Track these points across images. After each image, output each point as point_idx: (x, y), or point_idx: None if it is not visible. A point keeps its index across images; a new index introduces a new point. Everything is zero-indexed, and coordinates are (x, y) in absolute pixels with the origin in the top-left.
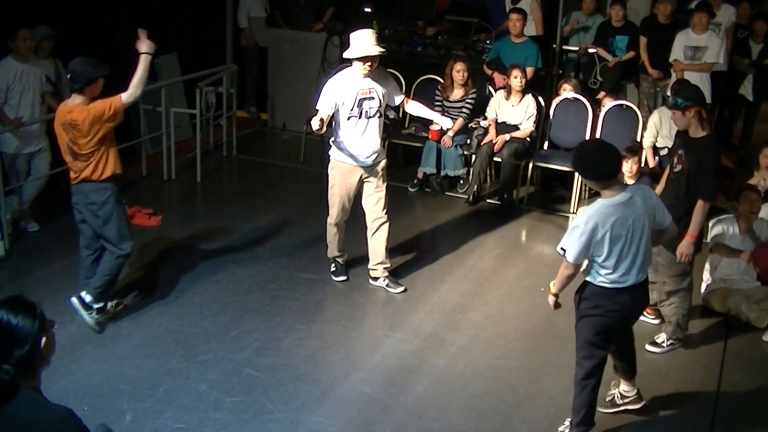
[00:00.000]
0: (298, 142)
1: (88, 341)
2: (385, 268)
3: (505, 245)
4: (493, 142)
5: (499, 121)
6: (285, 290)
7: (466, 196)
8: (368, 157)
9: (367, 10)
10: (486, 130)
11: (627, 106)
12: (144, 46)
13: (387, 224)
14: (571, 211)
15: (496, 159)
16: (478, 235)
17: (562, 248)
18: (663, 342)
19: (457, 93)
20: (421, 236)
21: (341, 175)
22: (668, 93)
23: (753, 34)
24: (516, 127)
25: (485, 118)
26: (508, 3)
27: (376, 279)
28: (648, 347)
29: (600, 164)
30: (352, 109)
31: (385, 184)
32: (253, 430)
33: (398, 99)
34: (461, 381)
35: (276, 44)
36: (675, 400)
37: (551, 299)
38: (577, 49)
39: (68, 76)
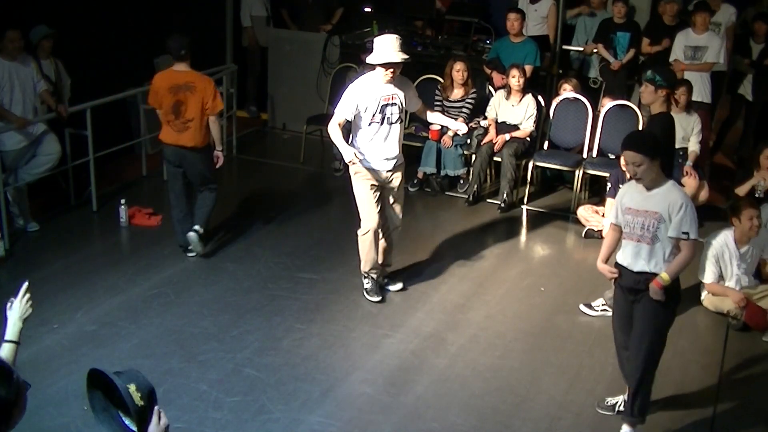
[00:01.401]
0: (298, 142)
1: (88, 341)
2: (385, 268)
3: (505, 245)
4: (493, 141)
5: (499, 120)
6: (285, 290)
7: (466, 196)
8: (389, 162)
9: (367, 10)
10: (486, 130)
11: (627, 106)
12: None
13: (398, 231)
14: (571, 211)
15: (496, 159)
16: (478, 235)
17: (683, 232)
18: (597, 306)
19: (457, 93)
20: (421, 236)
21: (365, 178)
22: None
23: (753, 34)
24: (516, 127)
25: (485, 118)
26: (523, 3)
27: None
28: (582, 307)
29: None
30: (374, 115)
31: (403, 190)
32: (253, 430)
33: (416, 105)
34: (461, 381)
35: (276, 44)
36: (675, 400)
37: (660, 293)
38: (581, 49)
39: (178, 48)
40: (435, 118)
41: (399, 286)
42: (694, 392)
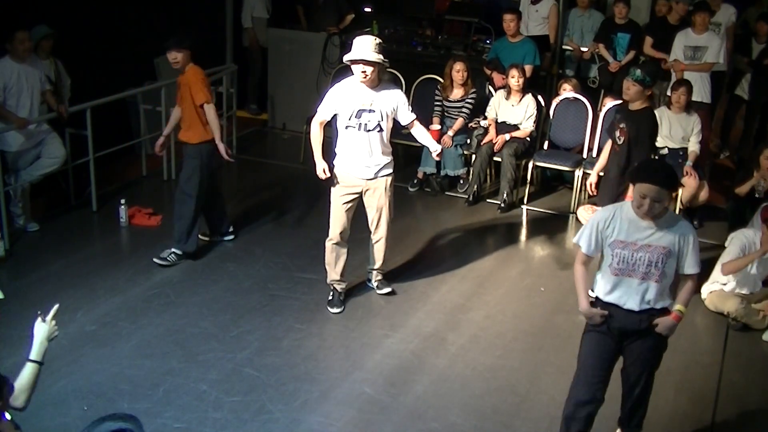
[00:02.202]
0: (298, 142)
1: (88, 341)
2: (378, 271)
3: (505, 245)
4: (493, 141)
5: (499, 120)
6: (285, 290)
7: (466, 196)
8: (368, 170)
9: (367, 10)
10: (486, 130)
11: None
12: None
13: (381, 242)
14: (571, 211)
15: (496, 159)
16: (478, 235)
17: (697, 266)
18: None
19: (457, 93)
20: (421, 236)
21: (341, 186)
22: (668, 93)
23: (755, 34)
24: (516, 127)
25: (485, 118)
26: (524, 4)
27: (369, 281)
28: None
29: None
30: (350, 119)
31: (388, 201)
32: (253, 430)
33: (405, 119)
34: (461, 381)
35: (276, 44)
36: (675, 400)
37: (675, 327)
38: (585, 49)
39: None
40: (418, 135)
41: (387, 290)
42: (694, 392)
